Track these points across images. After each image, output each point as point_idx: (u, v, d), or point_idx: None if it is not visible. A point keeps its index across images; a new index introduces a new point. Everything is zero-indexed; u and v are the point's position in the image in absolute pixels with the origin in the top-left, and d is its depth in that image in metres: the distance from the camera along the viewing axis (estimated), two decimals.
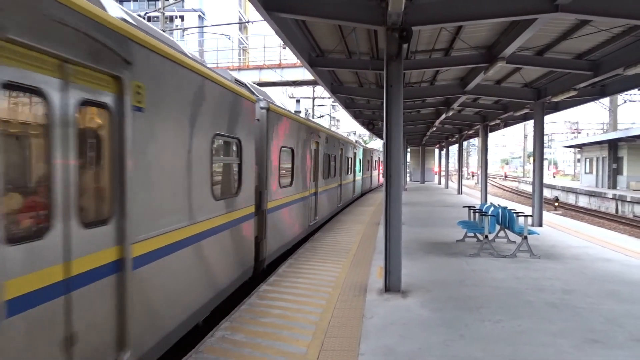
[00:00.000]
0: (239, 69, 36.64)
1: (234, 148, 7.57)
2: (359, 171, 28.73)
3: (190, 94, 5.75)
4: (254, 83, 13.51)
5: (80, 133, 3.70)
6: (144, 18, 15.18)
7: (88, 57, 3.72)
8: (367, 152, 34.40)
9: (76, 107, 3.66)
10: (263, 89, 11.30)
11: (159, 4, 24.01)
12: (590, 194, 36.67)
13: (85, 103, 3.79)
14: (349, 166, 23.71)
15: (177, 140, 5.37)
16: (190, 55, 6.10)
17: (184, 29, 38.06)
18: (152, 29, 5.47)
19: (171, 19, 47.61)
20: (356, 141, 31.33)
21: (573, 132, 74.09)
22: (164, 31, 22.57)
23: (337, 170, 19.42)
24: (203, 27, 43.84)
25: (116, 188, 4.18)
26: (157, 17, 27.01)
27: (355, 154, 26.25)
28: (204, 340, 5.61)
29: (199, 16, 57.19)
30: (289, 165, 11.45)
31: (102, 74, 3.96)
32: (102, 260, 3.97)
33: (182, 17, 55.05)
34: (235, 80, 8.42)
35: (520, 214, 11.50)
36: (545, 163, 79.18)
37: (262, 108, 9.30)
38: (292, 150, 11.60)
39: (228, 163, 7.47)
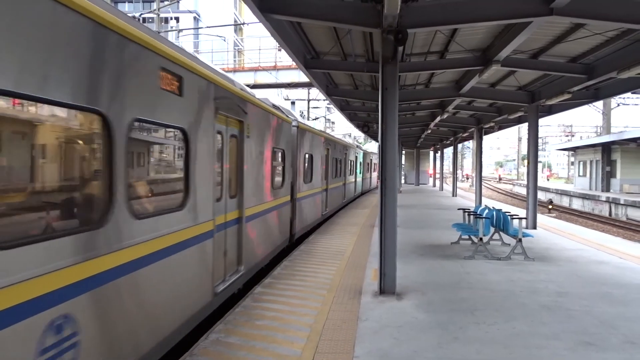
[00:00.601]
0: (234, 70, 36.60)
1: (280, 156, 11.11)
2: (360, 173, 31.87)
3: (264, 124, 9.34)
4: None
5: (228, 151, 7.25)
6: (139, 19, 15.12)
7: (234, 113, 7.32)
8: (367, 155, 36.44)
9: (228, 138, 7.22)
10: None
11: (154, 5, 23.97)
12: (584, 196, 36.85)
13: (231, 136, 7.42)
14: (352, 168, 27.07)
15: (259, 152, 9.00)
16: (249, 91, 8.99)
17: (179, 31, 38.03)
18: (237, 82, 8.44)
19: (166, 20, 47.52)
20: (357, 146, 33.25)
21: (567, 135, 74.49)
22: (158, 32, 22.54)
23: (342, 172, 22.82)
24: (198, 28, 43.80)
25: (238, 179, 7.80)
26: (152, 18, 26.97)
27: (356, 157, 29.28)
28: (198, 343, 5.58)
29: (194, 17, 57.10)
30: (310, 167, 14.98)
31: (237, 120, 7.60)
32: (234, 216, 7.58)
33: (177, 19, 54.98)
34: (273, 105, 11.12)
35: (514, 217, 11.53)
36: (540, 166, 79.46)
37: (293, 126, 12.70)
38: (312, 156, 15.18)
39: (278, 166, 10.90)
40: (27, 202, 3.40)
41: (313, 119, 47.75)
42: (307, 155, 14.40)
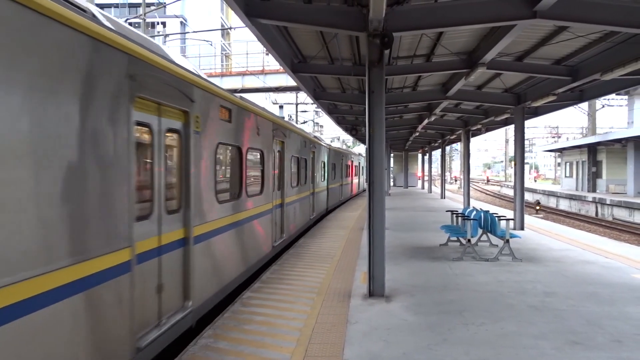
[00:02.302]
0: (222, 75, 36.53)
1: (324, 164, 20.77)
2: (362, 174, 42.09)
3: (320, 150, 20.05)
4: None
5: (312, 165, 17.57)
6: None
7: (319, 149, 20.47)
8: None
9: (312, 160, 17.89)
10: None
11: (140, 10, 23.87)
12: (571, 197, 37.20)
13: (311, 159, 17.85)
14: (357, 171, 37.29)
15: (320, 164, 19.59)
16: (318, 136, 23.86)
17: (166, 35, 37.90)
18: (314, 134, 23.81)
19: (153, 25, 47.29)
20: (359, 153, 40.84)
21: (553, 137, 75.18)
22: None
23: (350, 174, 32.90)
24: (185, 33, 43.69)
25: (313, 176, 17.58)
26: (139, 23, 26.83)
27: (360, 162, 39.33)
28: (187, 349, 5.55)
29: (181, 22, 56.94)
30: (334, 170, 24.73)
31: (312, 151, 18.04)
32: (311, 192, 17.26)
33: (163, 24, 54.71)
34: (315, 136, 20.74)
35: (502, 218, 11.60)
36: (527, 167, 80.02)
37: (326, 147, 21.99)
38: (335, 164, 24.89)
39: (325, 170, 20.94)
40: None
41: (301, 123, 47.76)
42: (333, 163, 24.22)
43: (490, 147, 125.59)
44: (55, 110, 3.55)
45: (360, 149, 57.92)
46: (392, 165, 48.88)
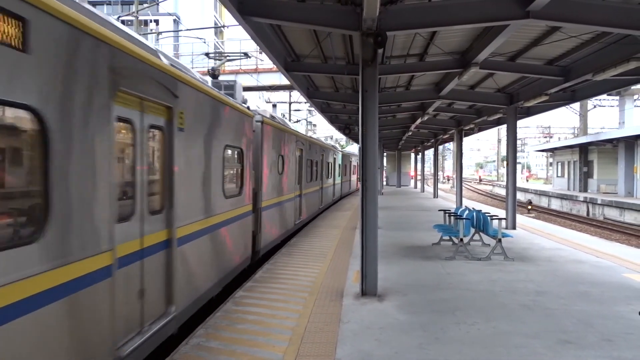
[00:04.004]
0: None
1: (339, 165, 30.10)
2: None
3: (338, 155, 30.47)
4: None
5: (337, 167, 30.05)
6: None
7: (339, 155, 32.50)
8: None
9: (331, 161, 26.99)
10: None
11: (133, 8, 23.73)
12: (562, 197, 37.40)
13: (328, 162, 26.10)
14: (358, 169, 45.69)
15: (337, 165, 29.60)
16: (333, 144, 36.25)
17: (159, 33, 37.73)
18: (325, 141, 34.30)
19: (145, 23, 47.08)
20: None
21: (545, 137, 75.55)
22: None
23: (355, 172, 41.67)
24: (178, 31, 43.52)
25: (333, 174, 27.06)
26: (131, 21, 26.68)
27: None
28: (179, 348, 5.52)
29: (174, 20, 56.71)
30: (344, 169, 32.43)
31: (333, 157, 27.44)
32: (325, 186, 25.38)
33: (156, 21, 54.48)
34: (332, 145, 29.59)
35: (494, 217, 11.65)
36: (519, 167, 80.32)
37: (339, 152, 30.40)
38: (346, 165, 34.04)
39: (340, 169, 30.42)
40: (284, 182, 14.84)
41: (295, 122, 47.73)
42: (345, 165, 32.11)
43: (483, 146, 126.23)
44: (294, 159, 15.06)
45: (353, 148, 58.02)
46: (385, 164, 49.03)
